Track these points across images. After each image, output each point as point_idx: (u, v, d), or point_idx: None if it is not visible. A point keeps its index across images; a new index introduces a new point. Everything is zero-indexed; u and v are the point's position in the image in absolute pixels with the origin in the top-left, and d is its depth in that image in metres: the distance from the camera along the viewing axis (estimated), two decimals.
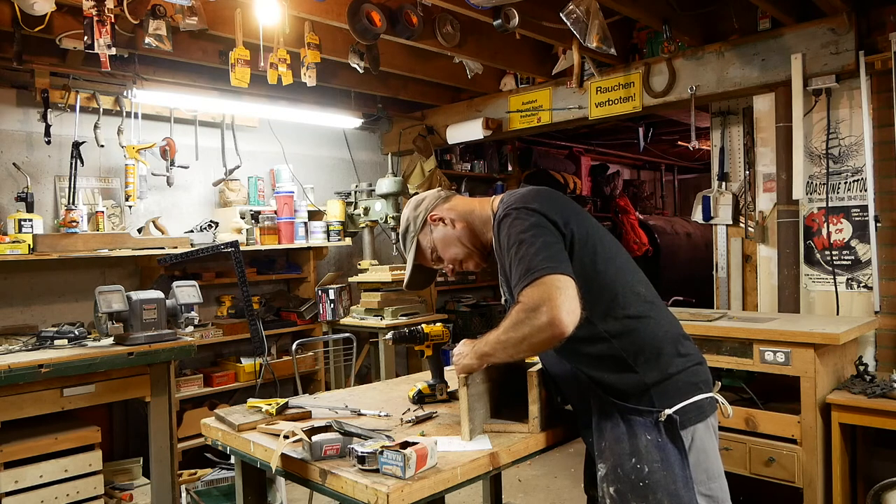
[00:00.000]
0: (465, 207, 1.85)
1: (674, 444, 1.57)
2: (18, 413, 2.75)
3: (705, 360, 1.73)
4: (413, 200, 1.91)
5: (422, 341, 2.10)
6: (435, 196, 1.88)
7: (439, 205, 1.86)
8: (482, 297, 6.47)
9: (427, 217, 1.85)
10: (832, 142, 3.50)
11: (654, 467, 1.57)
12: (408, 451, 1.43)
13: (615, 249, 1.71)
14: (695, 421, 1.61)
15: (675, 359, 1.63)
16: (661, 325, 1.66)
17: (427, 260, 1.90)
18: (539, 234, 1.56)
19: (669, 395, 1.60)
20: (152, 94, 3.94)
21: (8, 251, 3.23)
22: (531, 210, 1.61)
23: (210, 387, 4.07)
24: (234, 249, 3.43)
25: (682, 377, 1.62)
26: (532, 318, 1.47)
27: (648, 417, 1.58)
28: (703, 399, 1.64)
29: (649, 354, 1.61)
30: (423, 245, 1.87)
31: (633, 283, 1.68)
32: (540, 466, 4.28)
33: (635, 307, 1.64)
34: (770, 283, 3.76)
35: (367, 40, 3.23)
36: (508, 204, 1.66)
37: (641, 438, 1.58)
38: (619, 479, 1.61)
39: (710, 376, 1.72)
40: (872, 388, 2.65)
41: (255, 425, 1.82)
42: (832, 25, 3.31)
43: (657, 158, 8.66)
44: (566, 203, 1.71)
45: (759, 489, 2.91)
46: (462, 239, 1.82)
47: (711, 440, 1.66)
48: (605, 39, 3.09)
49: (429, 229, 1.85)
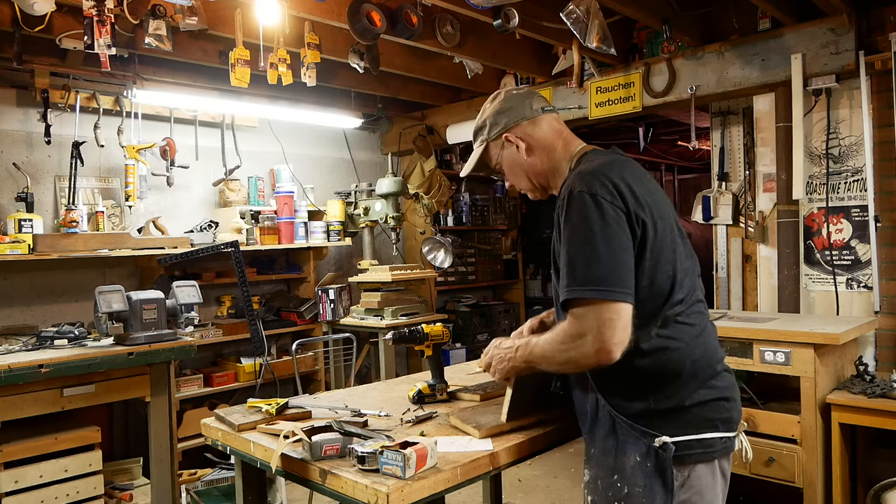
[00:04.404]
0: (548, 143, 1.68)
1: (661, 476, 1.45)
2: (18, 413, 2.75)
3: (737, 398, 1.57)
4: (501, 102, 1.72)
5: (422, 341, 2.09)
6: (523, 111, 1.68)
7: (524, 126, 1.68)
8: (482, 297, 6.47)
9: (503, 134, 1.69)
10: (832, 142, 3.50)
11: (634, 491, 1.48)
12: (408, 451, 1.43)
13: (680, 255, 1.54)
14: (697, 460, 1.48)
15: (699, 390, 1.49)
16: (693, 352, 1.50)
17: (490, 164, 1.78)
18: (610, 236, 1.41)
19: (676, 425, 1.47)
20: (152, 94, 3.94)
21: (8, 251, 3.24)
22: (611, 196, 1.44)
23: (210, 387, 4.07)
24: (234, 249, 3.42)
25: (697, 410, 1.49)
26: (579, 346, 1.41)
27: (643, 440, 1.47)
28: (716, 438, 1.49)
29: (669, 380, 1.48)
30: (490, 152, 1.75)
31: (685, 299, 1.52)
32: (540, 466, 4.28)
33: (674, 327, 1.49)
34: (770, 283, 3.76)
35: (367, 40, 3.23)
36: (587, 179, 1.48)
37: (630, 458, 1.49)
38: (597, 491, 1.55)
39: (736, 415, 1.56)
40: (872, 388, 2.65)
41: (255, 425, 1.82)
42: (832, 25, 3.31)
43: (657, 158, 8.65)
44: (648, 187, 1.55)
45: (759, 489, 2.91)
46: (529, 173, 1.70)
47: (713, 485, 1.51)
48: (605, 39, 3.09)
49: (501, 143, 1.71)
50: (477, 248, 6.23)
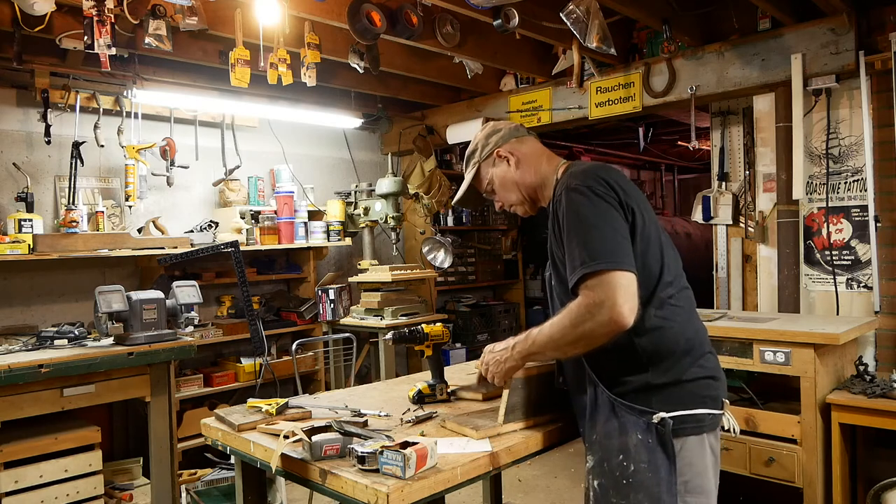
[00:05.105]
0: (535, 157, 1.83)
1: (663, 449, 1.55)
2: (18, 413, 2.75)
3: (723, 379, 1.70)
4: (489, 127, 1.90)
5: (422, 341, 2.09)
6: (510, 131, 1.87)
7: (511, 142, 1.84)
8: (482, 297, 6.47)
9: (495, 151, 1.85)
10: (832, 142, 3.50)
11: (640, 467, 1.56)
12: (408, 451, 1.43)
13: (665, 244, 1.69)
14: (688, 433, 1.59)
15: (691, 368, 1.61)
16: (686, 331, 1.63)
17: (482, 187, 1.92)
18: (609, 219, 1.55)
19: (671, 401, 1.58)
20: (152, 94, 3.94)
21: (8, 251, 3.24)
22: (604, 189, 1.58)
23: (210, 387, 4.07)
24: (234, 249, 3.42)
25: (690, 387, 1.60)
26: (595, 314, 1.48)
27: (642, 418, 1.57)
28: (705, 414, 1.60)
29: (666, 356, 1.59)
30: (482, 174, 1.89)
31: (673, 282, 1.65)
32: (540, 466, 4.28)
33: (668, 308, 1.62)
34: (770, 283, 3.76)
35: (367, 40, 3.23)
36: (579, 177, 1.63)
37: (633, 437, 1.57)
38: (603, 474, 1.62)
39: (723, 394, 1.68)
40: (872, 388, 2.65)
41: (255, 425, 1.82)
42: (832, 25, 3.31)
43: (657, 158, 8.65)
44: (632, 186, 1.68)
45: (759, 489, 2.91)
46: (519, 185, 1.82)
47: (702, 456, 1.62)
48: (605, 39, 3.09)
49: (492, 161, 1.86)
50: (477, 248, 6.23)
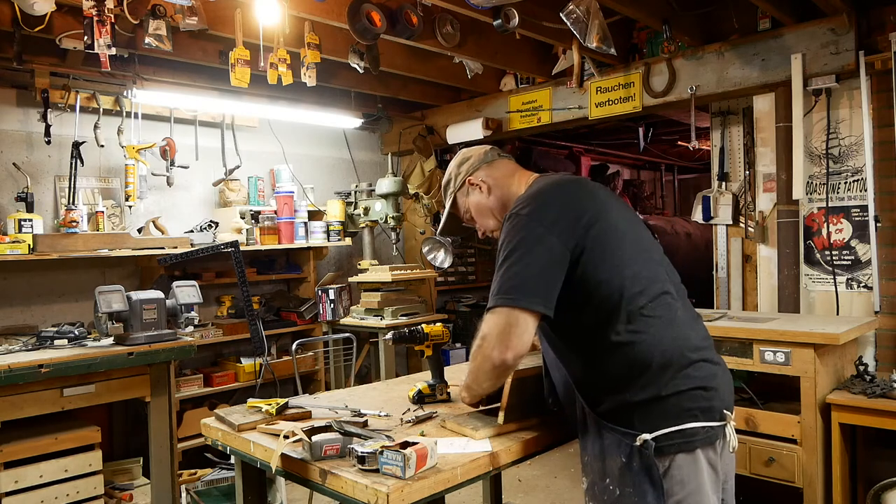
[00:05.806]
0: (505, 179, 1.81)
1: (647, 472, 1.48)
2: (18, 413, 2.75)
3: (720, 387, 1.56)
4: (460, 155, 1.90)
5: (422, 341, 2.09)
6: (480, 157, 1.85)
7: (482, 169, 1.83)
8: (482, 297, 6.46)
9: (466, 179, 1.84)
10: (832, 142, 3.50)
11: (625, 492, 1.51)
12: (408, 451, 1.43)
13: (632, 253, 1.58)
14: (677, 450, 1.48)
15: (673, 381, 1.50)
16: (662, 342, 1.51)
17: (461, 215, 1.91)
18: (528, 252, 1.50)
19: (651, 418, 1.48)
20: (152, 94, 3.94)
21: (8, 251, 3.23)
22: (536, 219, 1.54)
23: (210, 387, 4.07)
24: (234, 249, 3.42)
25: (675, 400, 1.49)
26: (482, 347, 1.53)
27: (624, 439, 1.50)
28: (696, 428, 1.49)
29: (641, 371, 1.50)
30: (459, 203, 1.88)
31: (645, 291, 1.54)
32: (540, 466, 4.28)
33: (641, 320, 1.51)
34: (770, 283, 3.76)
35: (367, 40, 3.23)
36: (524, 201, 1.61)
37: (617, 461, 1.52)
38: (595, 497, 1.59)
39: (719, 404, 1.54)
40: (872, 388, 2.65)
41: (255, 425, 1.82)
42: (832, 25, 3.31)
43: (657, 158, 8.65)
44: (587, 198, 1.61)
45: (759, 489, 2.91)
46: (494, 210, 1.81)
47: (696, 474, 1.49)
48: (605, 39, 3.08)
49: (466, 190, 1.85)
50: (477, 248, 6.23)
